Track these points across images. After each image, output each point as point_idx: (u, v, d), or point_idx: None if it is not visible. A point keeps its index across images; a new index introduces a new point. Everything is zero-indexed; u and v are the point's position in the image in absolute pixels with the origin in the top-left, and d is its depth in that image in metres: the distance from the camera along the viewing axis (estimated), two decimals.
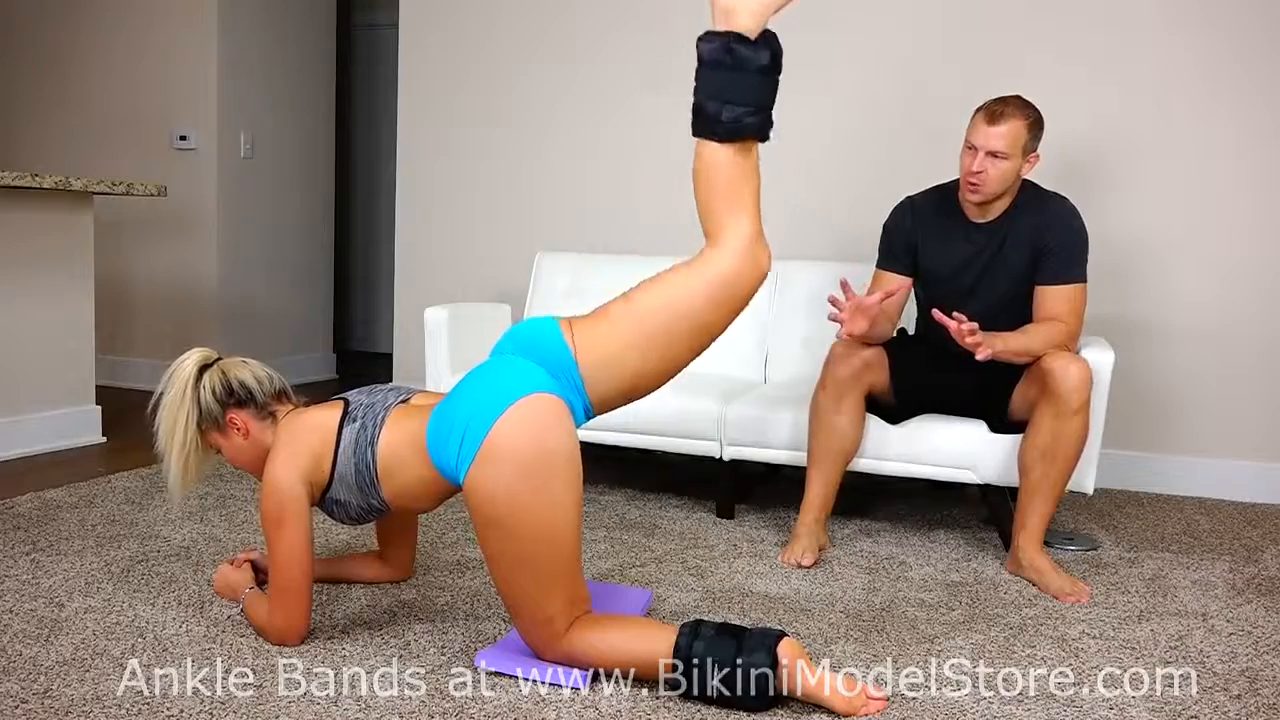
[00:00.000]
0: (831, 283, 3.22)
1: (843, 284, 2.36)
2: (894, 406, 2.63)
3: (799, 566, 2.41)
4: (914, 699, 1.70)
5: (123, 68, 4.87)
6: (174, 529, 2.55)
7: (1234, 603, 2.25)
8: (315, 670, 1.74)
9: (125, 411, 4.01)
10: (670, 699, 1.66)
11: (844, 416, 2.51)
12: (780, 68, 1.67)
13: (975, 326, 2.26)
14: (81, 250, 3.50)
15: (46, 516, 2.62)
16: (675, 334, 1.70)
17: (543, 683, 1.71)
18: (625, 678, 1.71)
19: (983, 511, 3.03)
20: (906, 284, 2.55)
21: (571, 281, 3.55)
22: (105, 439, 3.62)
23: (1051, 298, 2.46)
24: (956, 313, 2.30)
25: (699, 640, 1.62)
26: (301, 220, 5.30)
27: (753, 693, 1.59)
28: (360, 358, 6.37)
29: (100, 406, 3.64)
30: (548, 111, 3.99)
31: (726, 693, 1.60)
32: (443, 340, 3.13)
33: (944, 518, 2.95)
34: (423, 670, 1.76)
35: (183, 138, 4.78)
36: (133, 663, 1.74)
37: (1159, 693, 1.76)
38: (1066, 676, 1.81)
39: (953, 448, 2.59)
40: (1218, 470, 3.32)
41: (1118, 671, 1.84)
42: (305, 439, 1.82)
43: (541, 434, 1.62)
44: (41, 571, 2.20)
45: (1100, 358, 2.52)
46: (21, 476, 3.06)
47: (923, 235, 2.61)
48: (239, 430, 1.91)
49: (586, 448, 3.16)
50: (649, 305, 1.70)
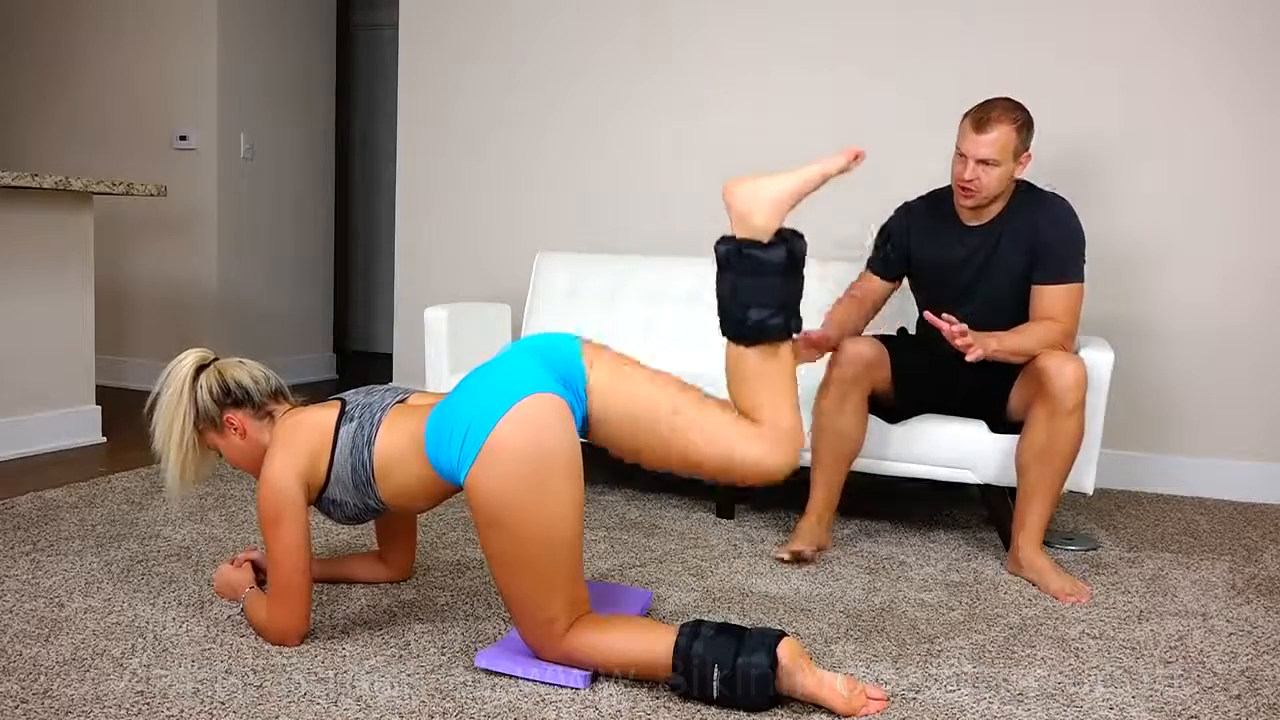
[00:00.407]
0: (835, 282, 3.22)
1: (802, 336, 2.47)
2: (895, 405, 2.63)
3: (795, 558, 2.41)
4: (914, 699, 1.70)
5: (123, 68, 4.87)
6: (174, 529, 2.55)
7: (1234, 603, 2.25)
8: (315, 670, 1.74)
9: (125, 411, 4.01)
10: (670, 699, 1.66)
11: (847, 417, 2.51)
12: (801, 263, 1.67)
13: (965, 328, 2.27)
14: (81, 250, 3.49)
15: (46, 516, 2.62)
16: (668, 454, 1.72)
17: (543, 682, 1.71)
18: (625, 678, 1.71)
19: (983, 511, 3.03)
20: (825, 344, 2.52)
21: (571, 281, 3.55)
22: (105, 439, 3.62)
23: (1048, 297, 2.46)
24: (947, 314, 2.30)
25: (699, 640, 1.62)
26: (301, 220, 5.30)
27: (753, 693, 1.59)
28: (360, 358, 6.36)
29: (100, 406, 3.64)
30: (548, 111, 3.99)
31: (726, 693, 1.60)
32: (443, 340, 3.13)
33: (944, 518, 2.95)
34: (423, 670, 1.76)
35: (183, 138, 4.78)
36: (133, 663, 1.74)
37: (1159, 693, 1.76)
38: (1066, 676, 1.81)
39: (953, 448, 2.59)
40: (1218, 470, 3.32)
41: (1118, 671, 1.84)
42: (302, 438, 1.82)
43: (543, 434, 1.62)
44: (41, 571, 2.20)
45: (1100, 358, 2.52)
46: (21, 476, 3.06)
47: (918, 239, 2.62)
48: (236, 430, 1.91)
49: (587, 448, 3.16)
50: (667, 416, 1.70)
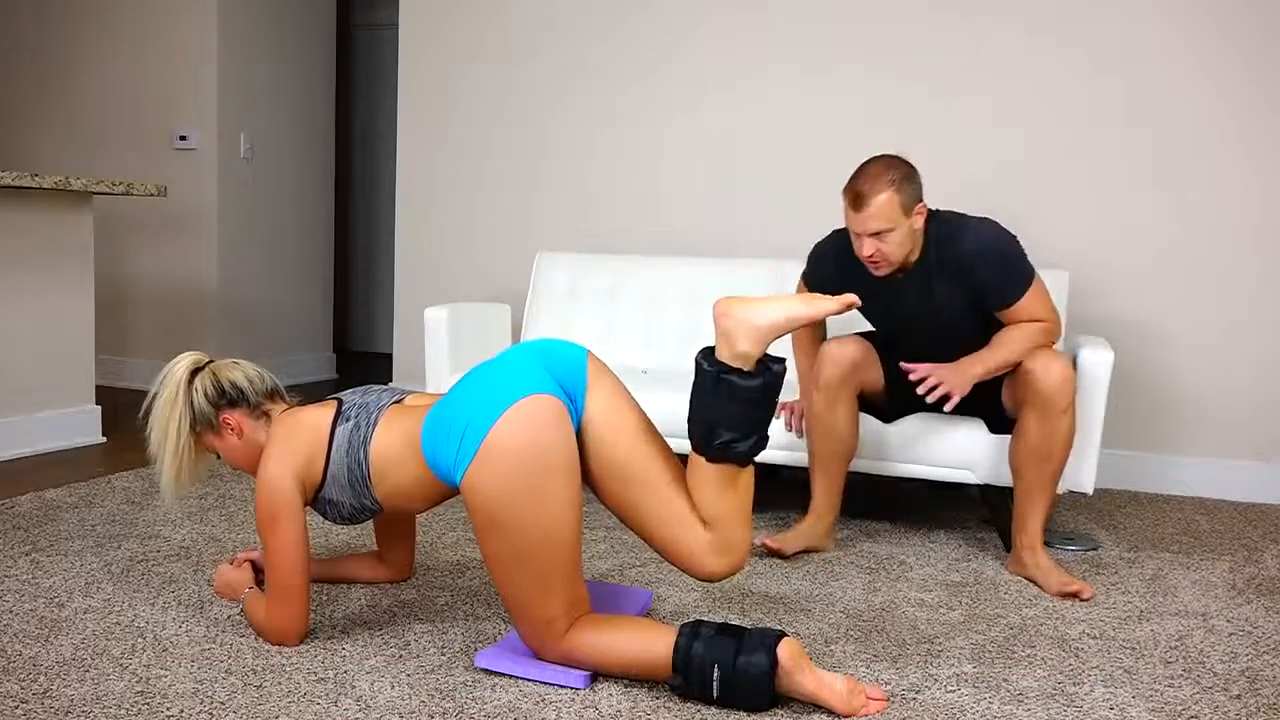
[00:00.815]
0: None
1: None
2: (885, 406, 2.62)
3: (768, 550, 2.43)
4: (914, 699, 1.70)
5: (123, 68, 4.87)
6: (174, 529, 2.55)
7: (1234, 603, 2.25)
8: (315, 670, 1.74)
9: (125, 411, 4.01)
10: (670, 699, 1.66)
11: (838, 417, 2.49)
12: (778, 390, 1.69)
13: (933, 383, 2.28)
14: (81, 250, 3.50)
15: (46, 516, 2.62)
16: (620, 502, 1.75)
17: (542, 682, 1.71)
18: (625, 678, 1.71)
19: (983, 511, 3.03)
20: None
21: (571, 282, 3.55)
22: (105, 439, 3.62)
23: (1018, 313, 2.38)
24: (913, 366, 2.32)
25: (699, 640, 1.62)
26: (301, 220, 5.30)
27: (753, 693, 1.59)
28: (360, 358, 6.36)
29: (100, 406, 3.64)
30: (548, 111, 4.00)
31: (726, 693, 1.60)
32: (443, 340, 3.13)
33: (944, 518, 2.95)
34: (423, 670, 1.76)
35: (183, 138, 4.78)
36: (133, 663, 1.74)
37: (1159, 693, 1.76)
38: (1066, 676, 1.81)
39: (952, 448, 2.59)
40: (1218, 470, 3.32)
41: (1118, 671, 1.84)
42: (299, 437, 1.82)
43: (542, 434, 1.63)
44: (41, 571, 2.20)
45: (1100, 358, 2.52)
46: (21, 476, 3.06)
47: (847, 280, 2.52)
48: (233, 430, 1.91)
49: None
50: (638, 471, 1.72)
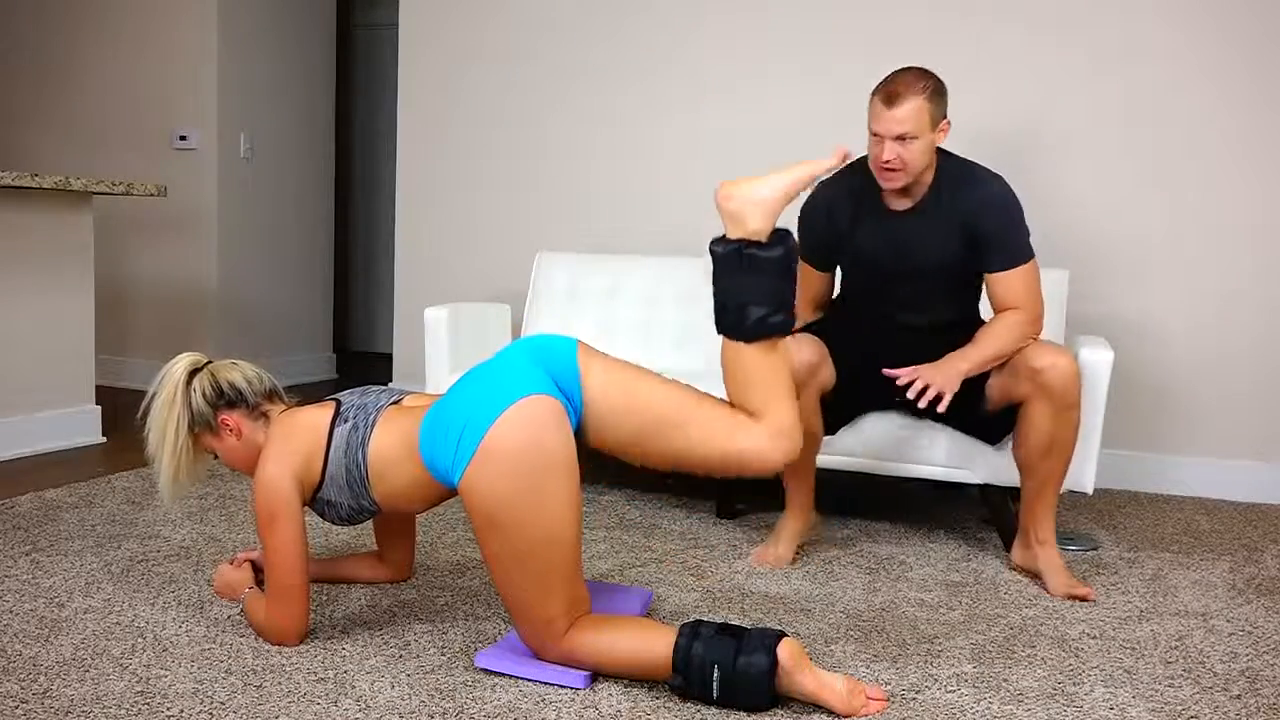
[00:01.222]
0: None
1: None
2: (834, 405, 2.51)
3: (761, 562, 2.42)
4: (914, 699, 1.70)
5: (123, 68, 4.87)
6: (174, 529, 2.55)
7: (1234, 603, 2.25)
8: (315, 670, 1.74)
9: (125, 411, 4.01)
10: (670, 699, 1.66)
11: (803, 417, 2.39)
12: (795, 263, 1.70)
13: (922, 386, 2.22)
14: (81, 250, 3.50)
15: (46, 516, 2.62)
16: (669, 451, 1.73)
17: (542, 682, 1.71)
18: (625, 678, 1.71)
19: (983, 511, 3.03)
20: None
21: (571, 281, 3.55)
22: (105, 439, 3.62)
23: (1004, 285, 2.36)
24: (902, 373, 2.26)
25: (699, 641, 1.62)
26: (301, 220, 5.30)
27: (752, 693, 1.59)
28: (360, 358, 6.37)
29: (100, 406, 3.64)
30: (548, 111, 3.99)
31: (726, 693, 1.60)
32: (443, 340, 3.13)
33: (944, 518, 2.95)
34: (423, 670, 1.76)
35: (183, 138, 4.78)
36: (133, 663, 1.74)
37: (1159, 693, 1.76)
38: (1066, 676, 1.81)
39: (952, 448, 2.59)
40: (1218, 470, 3.32)
41: (1118, 671, 1.84)
42: (297, 438, 1.82)
43: (539, 434, 1.63)
44: (41, 571, 2.20)
45: (1100, 357, 2.52)
46: (21, 476, 3.06)
47: (843, 226, 2.47)
48: (232, 431, 1.91)
49: (587, 448, 3.16)
50: (666, 414, 1.72)
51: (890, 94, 2.27)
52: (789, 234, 1.70)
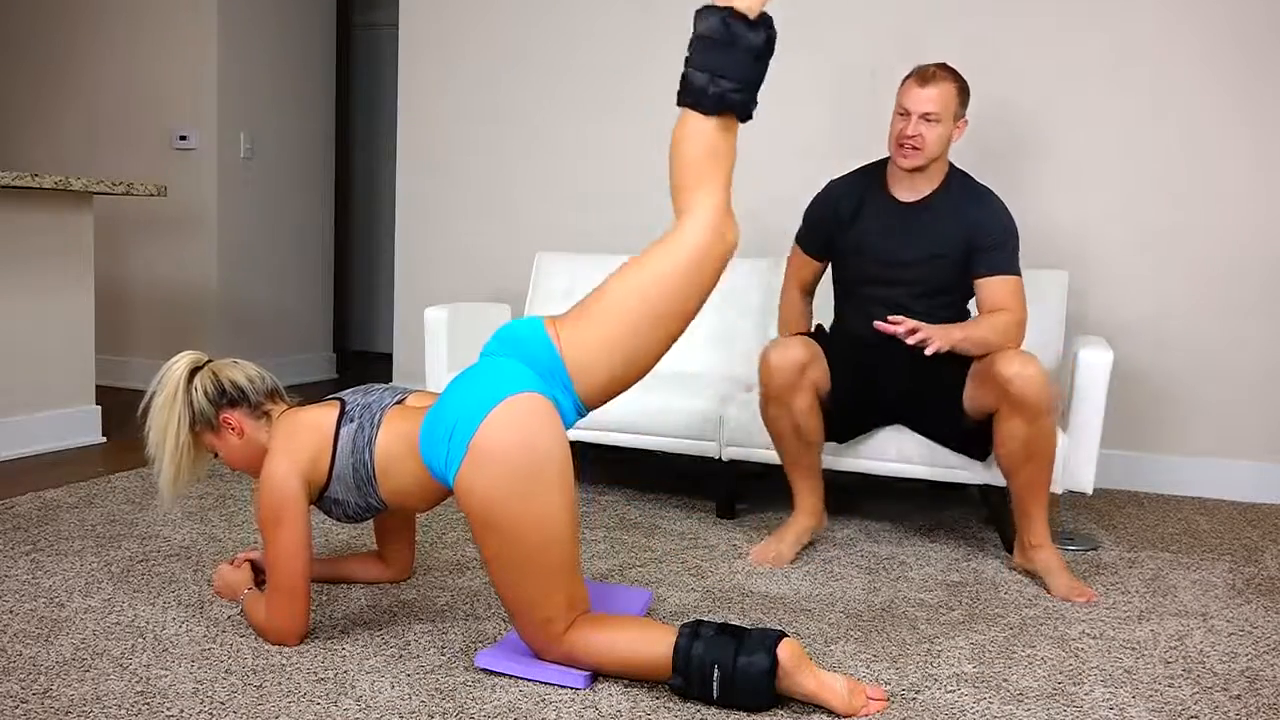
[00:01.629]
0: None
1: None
2: (836, 412, 2.52)
3: (761, 561, 2.42)
4: (914, 699, 1.70)
5: (122, 67, 4.87)
6: (174, 529, 2.55)
7: (1234, 603, 2.25)
8: (315, 670, 1.74)
9: (125, 411, 4.01)
10: (670, 699, 1.66)
11: (801, 420, 2.43)
12: (772, 52, 1.71)
13: (915, 326, 2.22)
14: (81, 250, 3.49)
15: (46, 516, 2.62)
16: (650, 323, 1.70)
17: (543, 682, 1.71)
18: (625, 678, 1.71)
19: (983, 511, 3.03)
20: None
21: (571, 281, 3.55)
22: (105, 439, 3.62)
23: (995, 289, 2.42)
24: (893, 317, 2.25)
25: (699, 641, 1.62)
26: (301, 220, 5.30)
27: (753, 693, 1.59)
28: (360, 358, 6.36)
29: (100, 406, 3.64)
30: (547, 111, 3.99)
31: (726, 693, 1.60)
32: (442, 340, 3.13)
33: (944, 518, 2.95)
34: (423, 670, 1.76)
35: (183, 138, 4.78)
36: (133, 663, 1.74)
37: (1159, 693, 1.76)
38: (1066, 676, 1.81)
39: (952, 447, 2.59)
40: (1218, 470, 3.32)
41: (1118, 671, 1.84)
42: (303, 438, 1.82)
43: (528, 433, 1.63)
44: (41, 571, 2.20)
45: (1100, 358, 2.52)
46: (21, 476, 3.06)
47: (846, 217, 2.57)
48: (234, 430, 1.91)
49: (587, 447, 3.17)
50: (623, 298, 1.71)
51: (925, 75, 2.45)
52: (772, 22, 1.71)
